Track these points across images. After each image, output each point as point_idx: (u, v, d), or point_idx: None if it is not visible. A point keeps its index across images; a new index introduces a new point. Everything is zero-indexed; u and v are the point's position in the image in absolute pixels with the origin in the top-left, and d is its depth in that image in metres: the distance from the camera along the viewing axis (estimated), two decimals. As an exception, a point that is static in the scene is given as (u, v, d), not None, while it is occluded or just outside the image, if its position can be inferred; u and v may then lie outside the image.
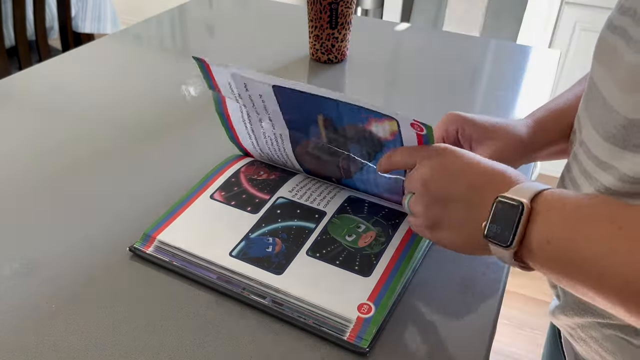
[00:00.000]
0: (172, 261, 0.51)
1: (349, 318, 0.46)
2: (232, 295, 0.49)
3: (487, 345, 0.46)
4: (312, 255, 0.52)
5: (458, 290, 0.51)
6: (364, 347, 0.44)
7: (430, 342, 0.46)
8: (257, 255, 0.51)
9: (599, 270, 0.34)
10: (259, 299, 0.48)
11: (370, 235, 0.54)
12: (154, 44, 1.02)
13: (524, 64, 1.00)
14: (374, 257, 0.51)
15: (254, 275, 0.49)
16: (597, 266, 0.34)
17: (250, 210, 0.56)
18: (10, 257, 0.52)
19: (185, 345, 0.45)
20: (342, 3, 0.89)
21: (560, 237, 0.36)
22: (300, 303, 0.47)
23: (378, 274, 0.50)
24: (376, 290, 0.48)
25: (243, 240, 0.53)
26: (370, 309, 0.47)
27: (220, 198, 0.58)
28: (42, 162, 0.65)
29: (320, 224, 0.55)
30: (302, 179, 0.60)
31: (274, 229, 0.54)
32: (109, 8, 1.88)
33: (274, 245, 0.52)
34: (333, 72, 0.92)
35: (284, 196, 0.58)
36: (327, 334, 0.45)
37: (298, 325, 0.46)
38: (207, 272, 0.50)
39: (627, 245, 0.33)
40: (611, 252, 0.33)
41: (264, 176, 0.61)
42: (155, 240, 0.53)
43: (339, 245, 0.53)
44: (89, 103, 0.79)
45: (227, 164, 0.63)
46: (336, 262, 0.51)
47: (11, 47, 1.61)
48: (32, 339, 0.44)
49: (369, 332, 0.45)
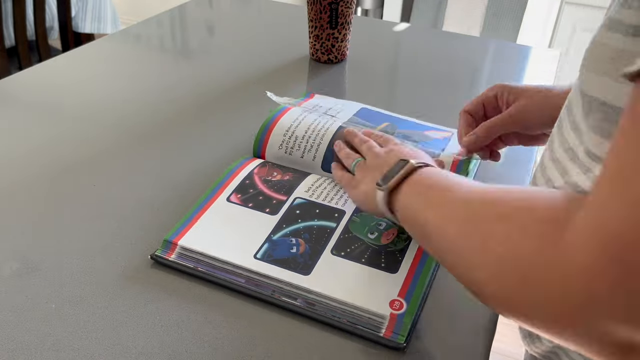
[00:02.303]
0: (196, 267, 0.51)
1: (382, 315, 0.46)
2: (263, 298, 0.48)
3: (487, 345, 0.46)
4: (336, 254, 0.52)
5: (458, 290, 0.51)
6: (401, 343, 0.44)
7: (431, 341, 0.46)
8: (282, 257, 0.51)
9: (434, 246, 0.39)
10: (291, 301, 0.48)
11: (392, 232, 0.54)
12: (154, 44, 1.02)
13: (524, 64, 1.00)
14: (398, 254, 0.52)
15: (282, 277, 0.49)
16: (434, 246, 0.39)
17: (269, 212, 0.56)
18: (10, 257, 0.52)
19: (187, 345, 0.45)
20: (342, 3, 0.89)
21: (412, 207, 0.43)
22: (332, 302, 0.47)
23: (405, 270, 0.50)
24: (405, 286, 0.49)
25: (266, 242, 0.53)
26: (402, 305, 0.47)
27: (237, 200, 0.58)
28: (42, 162, 0.65)
29: (341, 223, 0.55)
30: (316, 179, 0.61)
31: (295, 230, 0.54)
32: (109, 8, 1.88)
33: (297, 245, 0.52)
34: (333, 72, 0.92)
35: (301, 196, 0.58)
36: (363, 331, 0.45)
37: (333, 325, 0.46)
38: (234, 277, 0.50)
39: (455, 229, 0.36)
40: (443, 234, 0.37)
41: (278, 177, 0.61)
42: (178, 247, 0.52)
43: (362, 243, 0.53)
44: (89, 103, 0.79)
45: (238, 166, 0.62)
46: (362, 260, 0.51)
47: (11, 47, 1.61)
48: (32, 339, 0.44)
49: (404, 328, 0.45)
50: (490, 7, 2.12)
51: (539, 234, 0.28)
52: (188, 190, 0.61)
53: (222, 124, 0.75)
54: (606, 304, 0.24)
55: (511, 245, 0.29)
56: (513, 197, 0.33)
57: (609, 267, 0.24)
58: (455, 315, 0.48)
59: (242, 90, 0.85)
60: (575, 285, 0.25)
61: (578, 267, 0.25)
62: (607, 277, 0.24)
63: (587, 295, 0.25)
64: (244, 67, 0.93)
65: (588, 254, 0.25)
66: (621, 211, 0.24)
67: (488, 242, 0.31)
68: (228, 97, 0.83)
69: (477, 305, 0.50)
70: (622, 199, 0.24)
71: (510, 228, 0.30)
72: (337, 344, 0.45)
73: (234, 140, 0.71)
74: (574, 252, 0.25)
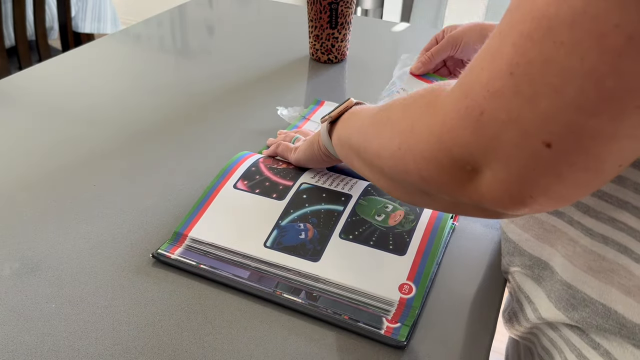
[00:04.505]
0: (199, 264, 0.50)
1: (391, 300, 0.46)
2: (264, 297, 0.48)
3: (487, 345, 0.46)
4: (345, 237, 0.52)
5: (459, 289, 0.51)
6: (401, 341, 0.44)
7: (431, 341, 0.46)
8: (291, 243, 0.51)
9: (356, 148, 0.46)
10: (292, 298, 0.47)
11: (399, 214, 0.54)
12: (154, 44, 1.02)
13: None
14: (406, 235, 0.52)
15: (292, 265, 0.49)
16: (355, 149, 0.46)
17: (276, 197, 0.56)
18: (10, 257, 0.52)
19: (187, 345, 0.45)
20: (342, 3, 0.89)
21: (342, 130, 0.50)
22: (339, 291, 0.47)
23: (413, 251, 0.50)
24: (414, 268, 0.49)
25: (275, 228, 0.53)
26: (411, 289, 0.47)
27: (244, 187, 0.57)
28: (41, 162, 0.65)
29: (348, 206, 0.55)
30: (321, 168, 0.61)
31: (303, 214, 0.54)
32: (109, 8, 1.88)
33: (306, 231, 0.52)
34: (333, 72, 0.92)
35: (307, 182, 0.58)
36: (364, 329, 0.45)
37: (334, 324, 0.46)
38: (239, 270, 0.50)
39: (373, 131, 0.42)
40: (365, 141, 0.44)
41: (283, 165, 0.61)
42: (187, 239, 0.52)
43: (370, 226, 0.53)
44: (89, 103, 0.79)
45: (242, 157, 0.63)
46: (370, 243, 0.51)
47: (11, 47, 1.61)
48: (32, 339, 0.44)
49: (411, 316, 0.45)
50: (491, 7, 2.12)
51: (425, 102, 0.36)
52: (188, 189, 0.61)
53: (222, 124, 0.75)
54: (457, 131, 0.31)
55: (409, 113, 0.37)
56: (414, 94, 0.40)
57: (461, 101, 0.30)
58: (455, 315, 0.48)
59: (242, 90, 0.85)
60: (438, 124, 0.32)
61: (444, 109, 0.32)
62: (460, 112, 0.30)
63: (446, 127, 0.32)
64: (243, 67, 0.93)
65: (451, 99, 0.32)
66: (477, 70, 0.30)
67: (392, 118, 0.40)
68: (228, 97, 0.83)
69: (477, 305, 0.50)
70: (480, 61, 0.30)
71: (409, 107, 0.38)
72: (338, 344, 0.45)
73: (234, 139, 0.71)
74: (444, 101, 0.33)
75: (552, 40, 0.25)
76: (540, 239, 0.47)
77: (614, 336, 0.41)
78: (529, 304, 0.49)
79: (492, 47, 0.29)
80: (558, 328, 0.47)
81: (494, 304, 0.50)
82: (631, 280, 0.39)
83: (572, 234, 0.43)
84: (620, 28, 0.24)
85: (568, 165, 0.27)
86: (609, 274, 0.40)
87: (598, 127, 0.26)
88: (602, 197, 0.40)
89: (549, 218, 0.45)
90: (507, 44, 0.28)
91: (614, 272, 0.40)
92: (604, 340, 0.42)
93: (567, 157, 0.27)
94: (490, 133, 0.29)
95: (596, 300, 0.41)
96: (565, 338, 0.46)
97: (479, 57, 0.30)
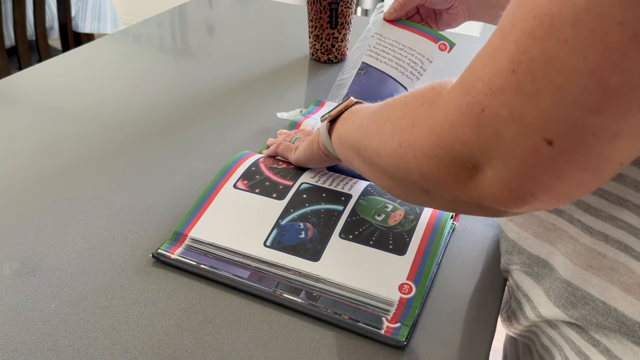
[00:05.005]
0: (199, 264, 0.50)
1: (391, 300, 0.46)
2: (264, 297, 0.48)
3: (487, 345, 0.46)
4: (345, 237, 0.52)
5: (459, 289, 0.51)
6: (401, 341, 0.44)
7: (431, 341, 0.46)
8: (291, 243, 0.51)
9: (356, 145, 0.45)
10: (292, 297, 0.47)
11: (399, 213, 0.54)
12: (154, 44, 1.02)
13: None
14: (406, 235, 0.52)
15: (291, 265, 0.49)
16: (355, 146, 0.46)
17: (276, 197, 0.56)
18: (10, 257, 0.52)
19: (187, 345, 0.45)
20: (342, 3, 0.89)
21: (342, 128, 0.50)
22: (339, 291, 0.47)
23: (413, 251, 0.50)
24: (414, 267, 0.49)
25: (275, 228, 0.53)
26: (411, 289, 0.47)
27: (244, 187, 0.57)
28: (41, 162, 0.65)
29: (348, 206, 0.55)
30: (321, 168, 0.61)
31: (303, 214, 0.54)
32: (109, 8, 1.88)
33: (305, 230, 0.52)
34: (333, 72, 0.92)
35: (307, 182, 0.58)
36: (364, 329, 0.45)
37: (334, 323, 0.46)
38: (239, 270, 0.50)
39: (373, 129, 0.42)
40: (365, 139, 0.44)
41: (284, 165, 0.61)
42: (187, 239, 0.52)
43: (370, 225, 0.53)
44: (88, 103, 0.79)
45: (242, 157, 0.63)
46: (370, 243, 0.51)
47: (11, 47, 1.61)
48: (32, 339, 0.44)
49: (410, 316, 0.45)
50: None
51: (426, 100, 0.36)
52: (188, 189, 0.61)
53: (222, 124, 0.75)
54: (458, 129, 0.31)
55: (409, 111, 0.37)
56: (414, 92, 0.40)
57: (462, 98, 0.30)
58: (455, 315, 0.48)
59: (242, 90, 0.85)
60: (439, 122, 0.32)
61: (445, 107, 0.32)
62: (461, 109, 0.30)
63: (447, 125, 0.32)
64: (243, 67, 0.93)
65: (452, 97, 0.32)
66: (479, 67, 0.30)
67: (391, 116, 0.40)
68: (228, 97, 0.83)
69: (477, 305, 0.50)
70: (482, 59, 0.30)
71: (409, 105, 0.38)
72: (338, 344, 0.45)
73: (234, 140, 0.71)
74: (444, 99, 0.33)
75: (555, 38, 0.25)
76: (539, 238, 0.47)
77: (613, 334, 0.41)
78: (528, 302, 0.49)
79: (494, 44, 0.29)
80: (557, 326, 0.47)
81: (493, 304, 0.50)
82: (631, 278, 0.39)
83: (572, 232, 0.43)
84: (624, 26, 0.24)
85: (569, 163, 0.27)
86: (609, 271, 0.40)
87: (600, 125, 0.26)
88: (602, 195, 0.40)
89: (548, 216, 0.45)
90: (509, 42, 0.28)
91: (614, 269, 0.40)
92: (603, 337, 0.42)
93: (568, 155, 0.27)
94: (491, 130, 0.29)
95: (596, 297, 0.41)
96: (564, 336, 0.46)
97: (481, 55, 0.30)
